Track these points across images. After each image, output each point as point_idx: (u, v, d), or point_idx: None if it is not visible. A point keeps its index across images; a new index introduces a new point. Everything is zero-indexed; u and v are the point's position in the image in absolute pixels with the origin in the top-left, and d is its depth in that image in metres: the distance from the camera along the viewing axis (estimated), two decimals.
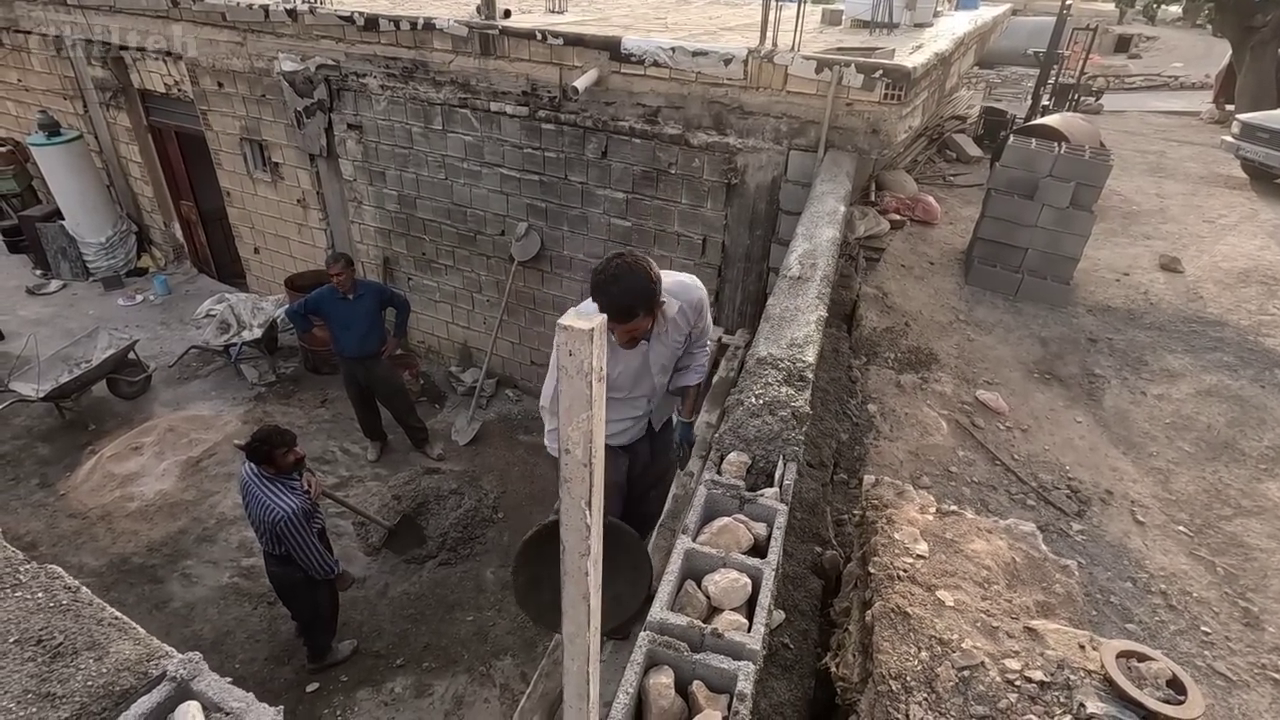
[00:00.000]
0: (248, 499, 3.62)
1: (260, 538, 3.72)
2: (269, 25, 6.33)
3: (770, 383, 1.96)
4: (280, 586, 3.96)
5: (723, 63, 4.58)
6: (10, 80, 8.97)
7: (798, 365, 2.06)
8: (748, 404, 1.90)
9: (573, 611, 0.90)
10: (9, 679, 1.12)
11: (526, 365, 6.89)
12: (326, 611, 4.17)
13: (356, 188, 6.81)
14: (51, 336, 7.29)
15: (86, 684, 1.11)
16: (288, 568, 3.77)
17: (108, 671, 1.14)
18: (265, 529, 3.58)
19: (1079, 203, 4.41)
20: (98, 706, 1.09)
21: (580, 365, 0.70)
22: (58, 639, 1.18)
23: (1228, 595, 2.80)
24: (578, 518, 0.80)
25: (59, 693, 1.09)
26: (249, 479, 3.60)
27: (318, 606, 4.08)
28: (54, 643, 1.17)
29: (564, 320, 0.71)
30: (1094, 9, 19.10)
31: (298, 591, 3.92)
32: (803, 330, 2.36)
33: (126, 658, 1.17)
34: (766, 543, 1.54)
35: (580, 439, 0.75)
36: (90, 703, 1.09)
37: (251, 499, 3.58)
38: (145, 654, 1.18)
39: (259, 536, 3.72)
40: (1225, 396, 3.83)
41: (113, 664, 1.15)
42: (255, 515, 3.59)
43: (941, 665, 1.72)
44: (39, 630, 1.20)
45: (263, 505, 3.53)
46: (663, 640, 1.23)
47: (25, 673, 1.13)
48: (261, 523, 3.57)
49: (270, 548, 3.71)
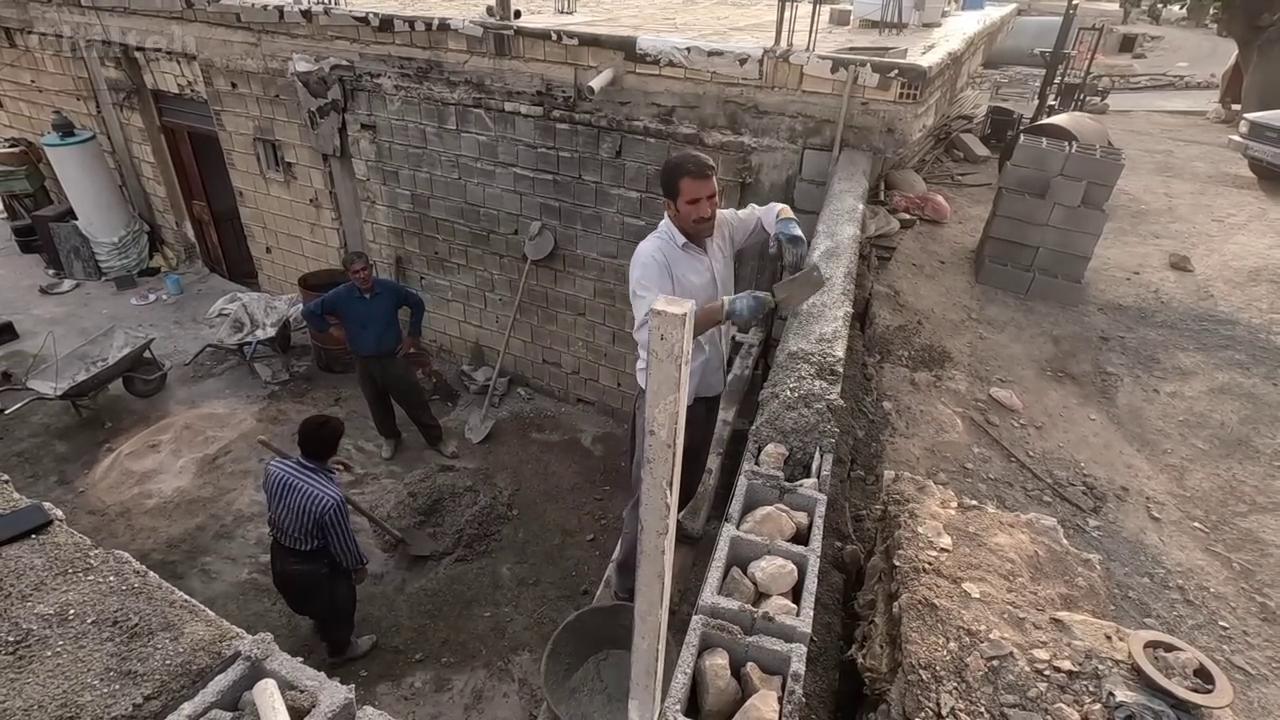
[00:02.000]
0: (285, 493, 3.60)
1: (299, 530, 3.66)
2: (284, 26, 6.38)
3: (804, 376, 2.00)
4: (303, 585, 3.94)
5: (738, 62, 4.62)
6: (24, 81, 9.04)
7: (828, 360, 2.11)
8: (783, 397, 1.95)
9: (646, 590, 0.94)
10: (91, 657, 1.16)
11: (539, 364, 6.94)
12: (347, 605, 4.20)
13: (370, 187, 6.86)
14: (66, 335, 7.34)
15: (165, 663, 1.16)
16: (314, 564, 3.79)
17: (184, 651, 1.19)
18: (310, 520, 3.58)
19: (1090, 201, 4.44)
20: (177, 684, 1.14)
21: (671, 349, 0.75)
22: (133, 620, 1.23)
23: (1244, 590, 2.83)
24: (659, 498, 0.85)
25: (140, 670, 1.14)
26: (287, 472, 3.62)
27: (337, 601, 4.11)
28: (130, 624, 1.22)
29: (657, 305, 0.75)
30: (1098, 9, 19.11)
31: (320, 588, 3.94)
32: (830, 326, 2.41)
33: (201, 638, 1.21)
34: (808, 531, 1.58)
35: (666, 420, 0.79)
36: (170, 680, 1.14)
37: (293, 492, 3.58)
38: (218, 635, 1.22)
39: (298, 530, 3.66)
40: (1238, 394, 3.86)
41: (188, 644, 1.20)
42: (299, 507, 3.57)
43: (971, 655, 1.75)
44: (114, 612, 1.24)
45: (310, 496, 3.55)
46: (715, 623, 1.27)
47: (106, 651, 1.17)
48: (307, 514, 3.57)
49: (304, 543, 3.70)
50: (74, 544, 1.42)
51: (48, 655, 1.16)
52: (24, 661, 1.15)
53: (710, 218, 2.58)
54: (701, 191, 2.50)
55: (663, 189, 2.63)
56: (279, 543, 3.85)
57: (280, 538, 3.80)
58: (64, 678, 1.12)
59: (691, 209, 2.53)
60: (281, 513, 3.67)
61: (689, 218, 2.55)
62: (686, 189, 2.50)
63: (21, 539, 1.42)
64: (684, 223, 2.59)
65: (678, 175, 2.52)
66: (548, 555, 5.27)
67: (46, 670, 1.13)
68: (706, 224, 2.59)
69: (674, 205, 2.57)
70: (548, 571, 5.13)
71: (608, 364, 6.47)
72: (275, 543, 3.90)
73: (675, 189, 2.53)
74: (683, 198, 2.52)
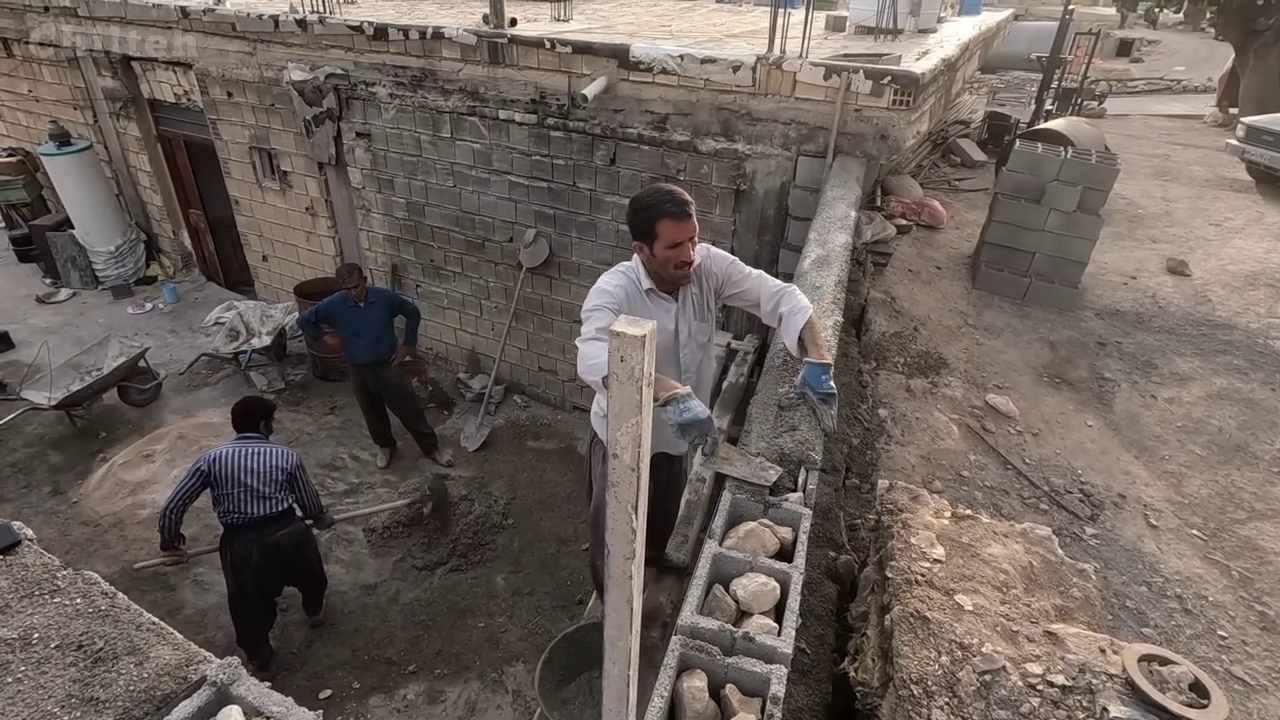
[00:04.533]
0: (245, 460, 3.83)
1: (272, 488, 3.88)
2: (279, 35, 6.39)
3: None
4: (291, 546, 4.06)
5: (731, 69, 4.62)
6: (21, 91, 9.06)
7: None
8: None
9: (615, 615, 0.91)
10: (53, 683, 1.13)
11: (535, 371, 6.92)
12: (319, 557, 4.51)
13: (365, 195, 6.85)
14: (62, 345, 7.33)
15: (128, 688, 1.13)
16: (292, 524, 4.00)
17: (149, 676, 1.16)
18: (283, 475, 3.90)
19: (1086, 206, 4.43)
20: (140, 711, 1.11)
21: (631, 371, 0.72)
22: (98, 644, 1.20)
23: (1243, 599, 2.80)
24: (624, 522, 0.82)
25: (102, 697, 1.11)
26: (244, 444, 3.90)
27: (317, 553, 4.41)
28: (94, 648, 1.19)
29: (616, 326, 0.73)
30: (1095, 13, 19.17)
31: (306, 545, 4.19)
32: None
33: (166, 662, 1.18)
34: (793, 547, 1.55)
35: (629, 444, 0.77)
36: (133, 707, 1.11)
37: (254, 456, 3.86)
38: (184, 659, 1.20)
39: (270, 488, 3.88)
40: (1236, 400, 3.83)
41: (153, 669, 1.17)
42: (268, 467, 3.85)
43: (963, 669, 1.72)
44: (79, 635, 1.22)
45: (278, 454, 3.93)
46: (694, 644, 1.24)
47: (68, 677, 1.14)
48: (280, 470, 3.89)
49: (279, 502, 3.91)
50: (42, 565, 1.39)
51: (8, 681, 1.13)
52: None
53: (691, 262, 2.22)
54: (683, 234, 2.14)
55: (633, 230, 2.23)
56: (242, 525, 3.88)
57: (240, 519, 3.86)
58: (24, 705, 1.09)
59: (671, 254, 2.16)
60: (246, 480, 3.81)
61: (668, 263, 2.19)
62: (666, 232, 2.13)
63: None
64: (660, 268, 2.23)
65: (655, 216, 2.14)
66: (543, 564, 5.23)
67: (6, 697, 1.10)
68: (685, 270, 2.23)
69: (648, 249, 2.19)
70: (543, 581, 5.09)
71: None
72: (238, 527, 3.90)
73: (652, 231, 2.15)
74: (661, 242, 2.15)
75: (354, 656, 4.49)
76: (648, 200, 2.18)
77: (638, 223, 2.20)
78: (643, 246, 2.21)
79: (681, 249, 2.16)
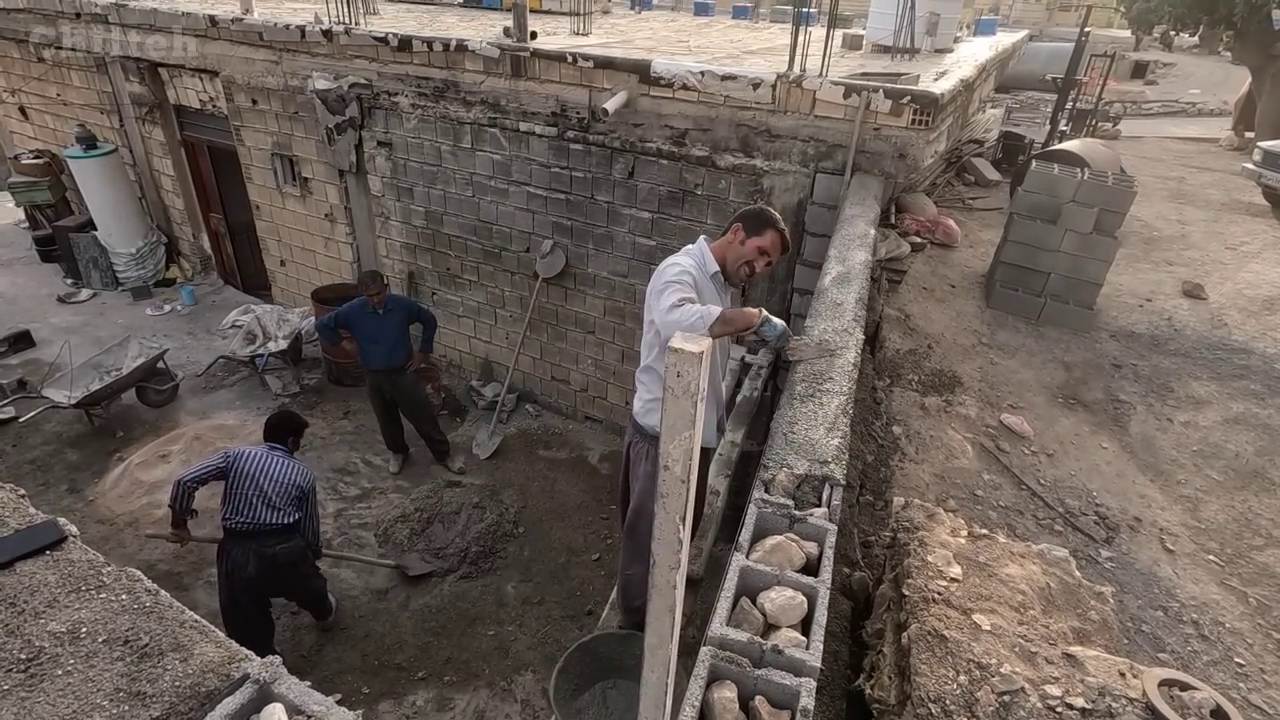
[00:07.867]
0: (270, 465, 3.93)
1: (283, 499, 3.92)
2: (305, 45, 6.51)
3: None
4: (287, 561, 4.04)
5: (751, 86, 4.67)
6: (50, 95, 9.24)
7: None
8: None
9: (656, 624, 0.94)
10: (101, 677, 1.17)
11: (547, 381, 6.96)
12: (320, 583, 4.50)
13: (384, 203, 6.94)
14: (81, 344, 7.43)
15: (174, 684, 1.16)
16: (294, 540, 4.02)
17: (193, 673, 1.19)
18: (295, 491, 3.97)
19: (1102, 228, 4.44)
20: (185, 706, 1.14)
21: (687, 386, 0.75)
22: (144, 640, 1.23)
23: (1261, 626, 2.78)
24: (671, 532, 0.85)
25: (149, 691, 1.14)
26: (270, 451, 4.01)
27: (315, 571, 4.39)
28: (140, 643, 1.22)
29: (674, 343, 0.76)
30: (1110, 35, 19.22)
31: (302, 563, 4.18)
32: (844, 356, 2.41)
33: (210, 660, 1.21)
34: (818, 561, 1.57)
35: (681, 456, 0.80)
36: (178, 702, 1.14)
37: (281, 466, 3.97)
38: (227, 656, 1.23)
39: (282, 499, 3.91)
40: (1253, 425, 3.82)
41: (198, 665, 1.20)
42: (288, 479, 3.94)
43: (981, 689, 1.73)
44: (125, 631, 1.25)
45: (299, 470, 4.04)
46: (724, 655, 1.26)
47: (116, 671, 1.18)
48: (294, 485, 3.96)
49: (286, 515, 3.93)
50: (87, 561, 1.43)
51: (59, 674, 1.16)
52: (35, 680, 1.15)
53: (754, 276, 2.69)
54: (774, 251, 2.61)
55: (745, 223, 2.64)
56: (244, 531, 3.86)
57: (244, 524, 3.83)
58: (73, 697, 1.13)
59: (755, 256, 2.60)
60: (263, 484, 3.86)
61: (742, 260, 2.61)
62: (768, 241, 2.59)
63: (36, 555, 1.44)
64: (736, 259, 2.63)
65: (771, 224, 2.60)
66: (553, 574, 5.24)
67: (57, 689, 1.14)
68: (747, 275, 2.67)
69: (744, 238, 2.61)
70: (553, 590, 5.10)
71: (616, 382, 6.48)
72: (239, 534, 3.88)
73: (761, 233, 2.59)
74: (758, 242, 2.58)
75: (364, 661, 4.51)
76: (773, 215, 2.64)
77: (756, 221, 2.62)
78: (740, 233, 2.62)
79: (762, 259, 2.61)
